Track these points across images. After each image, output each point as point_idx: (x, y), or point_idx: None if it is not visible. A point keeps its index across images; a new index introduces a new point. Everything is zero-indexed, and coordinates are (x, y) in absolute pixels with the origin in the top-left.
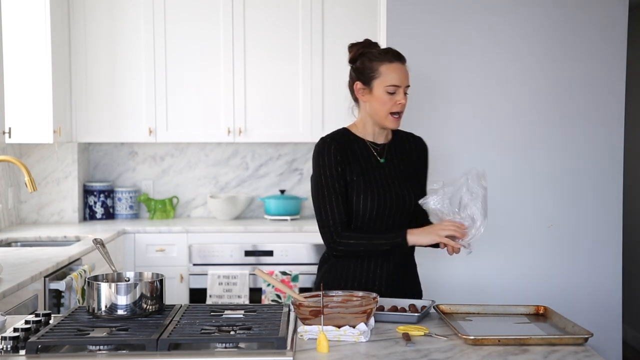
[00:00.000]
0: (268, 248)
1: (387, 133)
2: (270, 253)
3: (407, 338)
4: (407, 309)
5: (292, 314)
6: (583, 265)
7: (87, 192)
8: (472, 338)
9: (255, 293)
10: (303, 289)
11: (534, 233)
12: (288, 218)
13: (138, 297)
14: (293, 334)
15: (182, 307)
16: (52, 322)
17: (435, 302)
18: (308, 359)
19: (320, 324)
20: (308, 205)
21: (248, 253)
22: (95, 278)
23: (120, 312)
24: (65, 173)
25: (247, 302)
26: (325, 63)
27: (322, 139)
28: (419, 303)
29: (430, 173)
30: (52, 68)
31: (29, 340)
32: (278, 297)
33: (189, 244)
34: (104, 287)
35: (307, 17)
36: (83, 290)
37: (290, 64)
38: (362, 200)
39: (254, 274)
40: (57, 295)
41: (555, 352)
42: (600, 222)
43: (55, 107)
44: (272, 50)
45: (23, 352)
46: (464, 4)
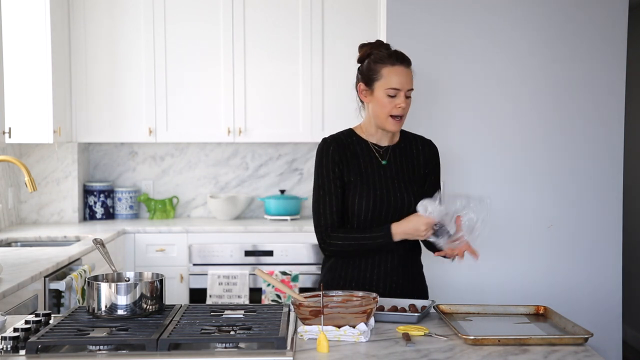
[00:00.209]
0: (268, 248)
1: (392, 135)
2: (270, 253)
3: (407, 338)
4: (407, 309)
5: (292, 314)
6: (583, 265)
7: (87, 192)
8: (472, 338)
9: (255, 293)
10: (303, 289)
11: (534, 233)
12: (288, 218)
13: (138, 297)
14: (293, 334)
15: (182, 307)
16: (52, 322)
17: (435, 302)
18: (308, 359)
19: (320, 324)
20: (308, 205)
21: (248, 253)
22: (95, 278)
23: (120, 312)
24: (65, 173)
25: (247, 302)
26: (325, 63)
27: (323, 139)
28: (419, 303)
29: None
30: (52, 68)
31: (29, 340)
32: (278, 297)
33: (189, 244)
34: (104, 287)
35: (307, 17)
36: (83, 290)
37: (290, 64)
38: (357, 201)
39: (254, 274)
40: (57, 295)
41: (555, 352)
42: (600, 222)
43: (55, 107)
44: (272, 50)
45: (23, 352)
46: (464, 4)
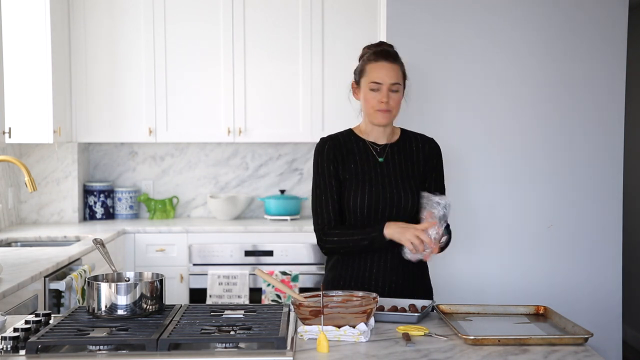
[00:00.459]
0: (268, 248)
1: (390, 133)
2: (270, 253)
3: (407, 338)
4: (407, 309)
5: (292, 314)
6: (583, 265)
7: (87, 192)
8: (472, 338)
9: (255, 293)
10: (303, 289)
11: (534, 233)
12: (288, 218)
13: (138, 297)
14: (293, 334)
15: (182, 307)
16: (52, 322)
17: (435, 302)
18: (308, 359)
19: (320, 324)
20: (308, 205)
21: (248, 253)
22: (95, 278)
23: (120, 312)
24: (65, 173)
25: (247, 302)
26: (325, 63)
27: (320, 139)
28: (419, 303)
29: None
30: (52, 68)
31: (29, 340)
32: (278, 297)
33: (189, 244)
34: (104, 287)
35: (307, 17)
36: (83, 290)
37: (290, 64)
38: (352, 198)
39: (254, 274)
40: (57, 295)
41: (555, 352)
42: (600, 222)
43: (55, 107)
44: (272, 50)
45: (23, 352)
46: (464, 4)
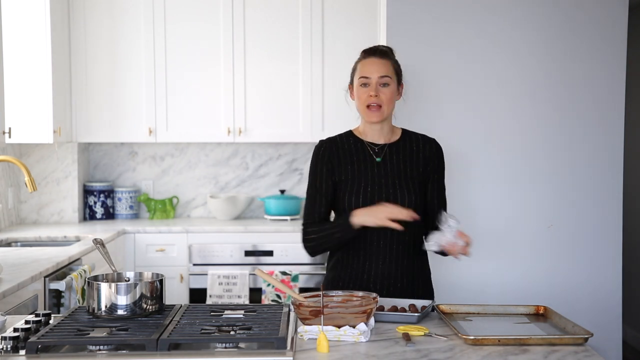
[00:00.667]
0: (268, 248)
1: (389, 133)
2: (270, 253)
3: (407, 338)
4: (407, 309)
5: (292, 314)
6: (583, 265)
7: (87, 192)
8: (472, 338)
9: (255, 293)
10: (303, 289)
11: (534, 233)
12: (288, 218)
13: (138, 297)
14: (293, 334)
15: (182, 307)
16: (52, 322)
17: (435, 302)
18: (308, 359)
19: (320, 324)
20: None
21: (248, 253)
22: (95, 278)
23: (120, 312)
24: (65, 173)
25: (247, 302)
26: (325, 63)
27: (319, 141)
28: (419, 303)
29: None
30: (52, 68)
31: (29, 340)
32: (278, 297)
33: (189, 244)
34: (104, 287)
35: (307, 17)
36: (83, 290)
37: (290, 64)
38: (348, 198)
39: (254, 274)
40: (57, 295)
41: (555, 352)
42: (600, 222)
43: (55, 107)
44: (272, 50)
45: (23, 352)
46: (464, 4)
